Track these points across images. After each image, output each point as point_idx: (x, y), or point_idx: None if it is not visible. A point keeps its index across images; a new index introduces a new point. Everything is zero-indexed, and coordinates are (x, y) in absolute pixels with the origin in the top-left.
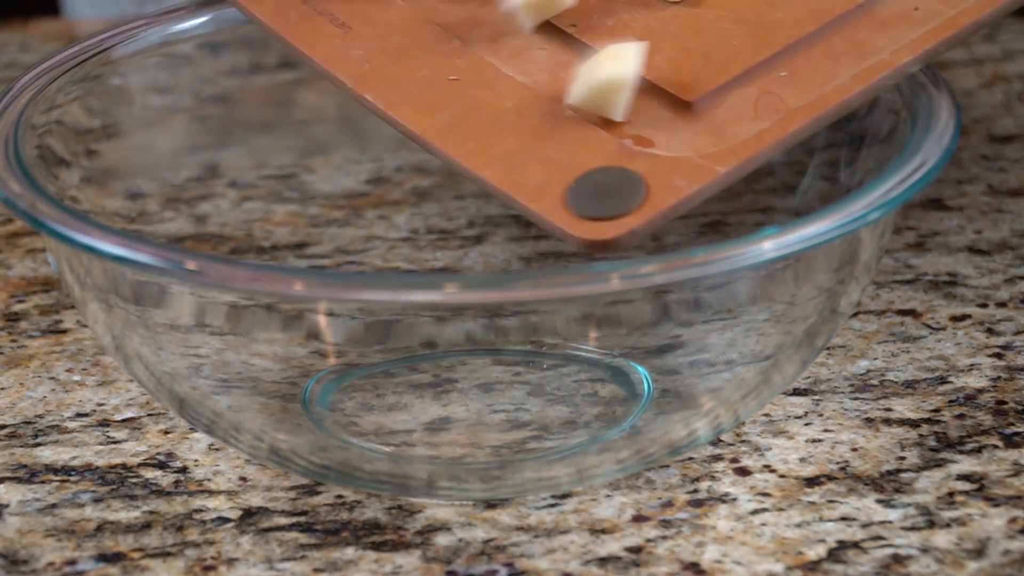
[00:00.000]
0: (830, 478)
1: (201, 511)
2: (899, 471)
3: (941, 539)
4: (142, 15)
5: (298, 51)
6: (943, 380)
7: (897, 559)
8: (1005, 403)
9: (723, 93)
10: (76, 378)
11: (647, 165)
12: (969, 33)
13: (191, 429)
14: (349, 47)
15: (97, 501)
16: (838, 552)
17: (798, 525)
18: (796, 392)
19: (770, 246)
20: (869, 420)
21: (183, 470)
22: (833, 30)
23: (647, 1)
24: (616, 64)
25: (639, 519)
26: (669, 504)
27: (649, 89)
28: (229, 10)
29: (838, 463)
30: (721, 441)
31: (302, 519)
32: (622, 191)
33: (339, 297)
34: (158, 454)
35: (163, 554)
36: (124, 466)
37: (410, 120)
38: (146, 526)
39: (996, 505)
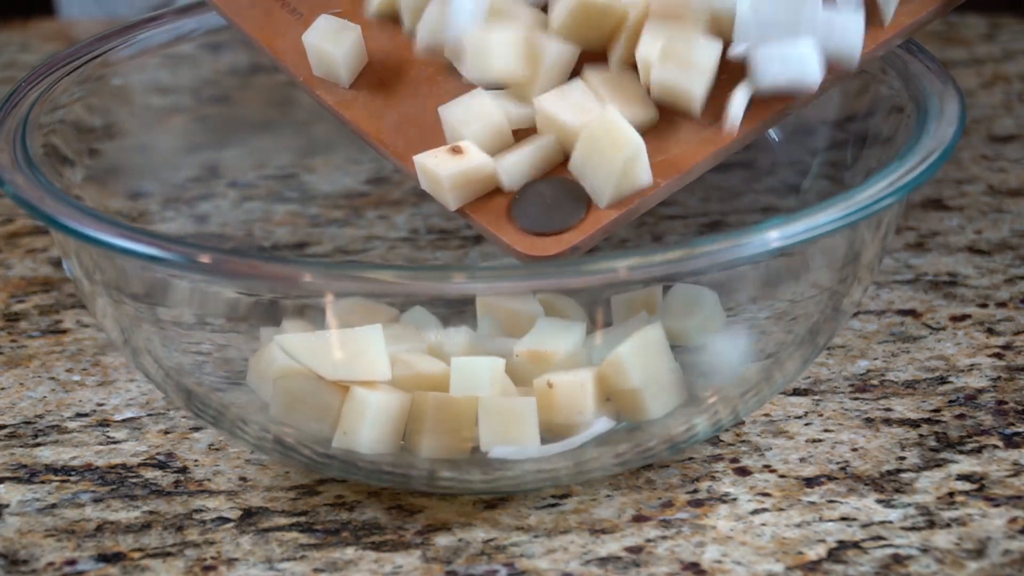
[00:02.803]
0: (830, 478)
1: (201, 511)
2: (899, 471)
3: (941, 539)
4: (142, 15)
5: (254, 40)
6: (943, 380)
7: (897, 559)
8: (1005, 403)
9: None
10: (76, 378)
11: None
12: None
13: (191, 429)
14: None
15: (97, 501)
16: (838, 552)
17: (798, 525)
18: (796, 392)
19: (776, 235)
20: (869, 420)
21: (183, 470)
22: None
23: None
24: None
25: (639, 519)
26: (669, 504)
27: None
28: None
29: (838, 463)
30: (721, 441)
31: (302, 519)
32: (564, 205)
33: (347, 289)
34: (158, 454)
35: (163, 554)
36: (124, 466)
37: (360, 119)
38: (146, 526)
39: (996, 505)
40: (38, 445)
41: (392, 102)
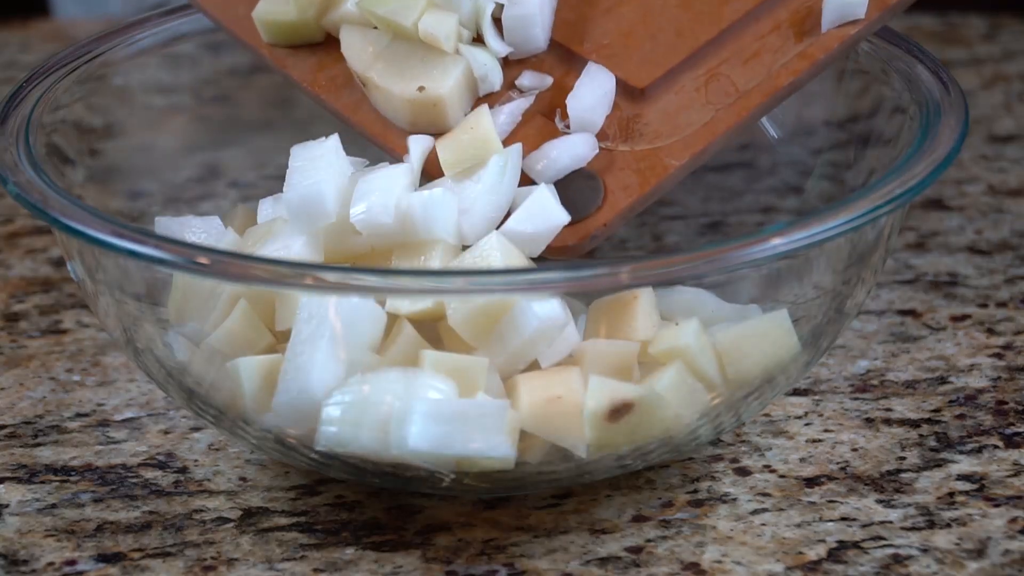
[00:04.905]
0: (830, 478)
1: (201, 511)
2: (899, 471)
3: (941, 539)
4: (140, 15)
5: (255, 50)
6: (943, 380)
7: (897, 559)
8: (1005, 403)
9: (673, 77)
10: (76, 378)
11: (603, 162)
12: None
13: (191, 429)
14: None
15: (97, 501)
16: (838, 552)
17: (798, 525)
18: (796, 392)
19: (779, 241)
20: (869, 420)
21: (183, 470)
22: (778, 1)
23: None
24: None
25: (639, 519)
26: (669, 504)
27: None
28: None
29: (838, 463)
30: (721, 441)
31: (302, 519)
32: (581, 194)
33: (347, 292)
34: (158, 454)
35: (163, 554)
36: (124, 466)
37: (367, 123)
38: (146, 526)
39: (996, 505)
40: (38, 445)
41: None
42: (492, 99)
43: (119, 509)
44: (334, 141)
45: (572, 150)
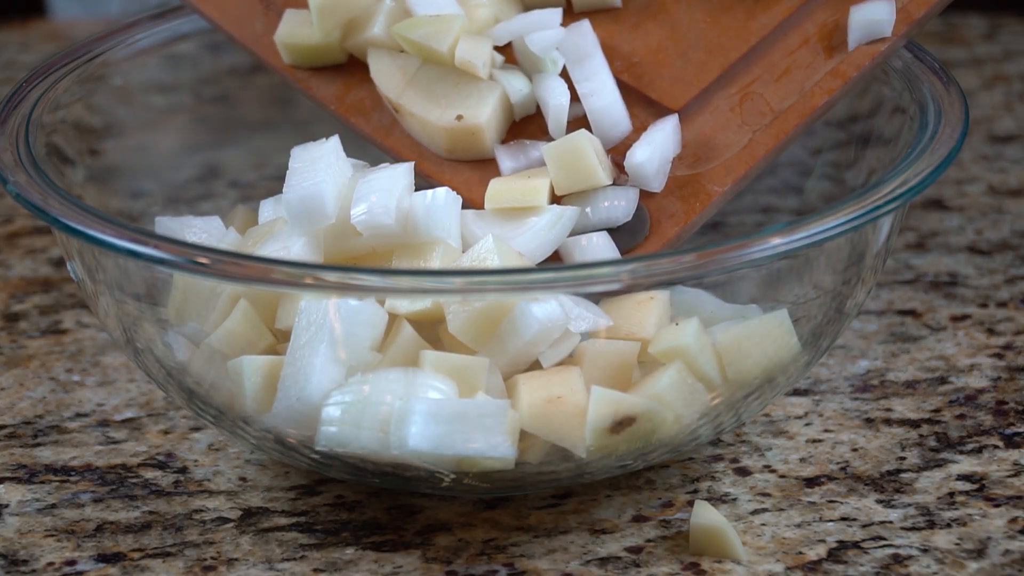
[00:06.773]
0: (830, 478)
1: (201, 511)
2: (899, 471)
3: (941, 539)
4: (142, 15)
5: (285, 76)
6: (943, 380)
7: (897, 559)
8: (1005, 403)
9: (707, 97)
10: (76, 378)
11: (646, 190)
12: (944, 5)
13: (191, 429)
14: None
15: (97, 501)
16: (838, 552)
17: (798, 525)
18: (796, 392)
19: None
20: (869, 420)
21: (183, 470)
22: (804, 15)
23: None
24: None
25: (639, 519)
26: (669, 504)
27: (631, 94)
28: None
29: (838, 463)
30: (721, 441)
31: (302, 519)
32: (627, 224)
33: (347, 292)
34: (158, 454)
35: (163, 554)
36: (124, 466)
37: (399, 147)
38: (146, 526)
39: (996, 505)
40: (38, 445)
41: None
42: (528, 121)
43: (119, 509)
44: (334, 142)
45: (609, 210)
